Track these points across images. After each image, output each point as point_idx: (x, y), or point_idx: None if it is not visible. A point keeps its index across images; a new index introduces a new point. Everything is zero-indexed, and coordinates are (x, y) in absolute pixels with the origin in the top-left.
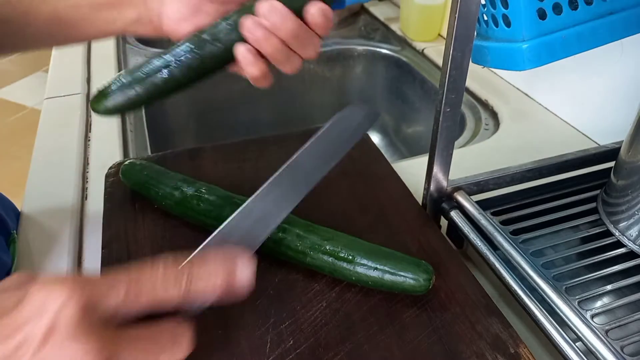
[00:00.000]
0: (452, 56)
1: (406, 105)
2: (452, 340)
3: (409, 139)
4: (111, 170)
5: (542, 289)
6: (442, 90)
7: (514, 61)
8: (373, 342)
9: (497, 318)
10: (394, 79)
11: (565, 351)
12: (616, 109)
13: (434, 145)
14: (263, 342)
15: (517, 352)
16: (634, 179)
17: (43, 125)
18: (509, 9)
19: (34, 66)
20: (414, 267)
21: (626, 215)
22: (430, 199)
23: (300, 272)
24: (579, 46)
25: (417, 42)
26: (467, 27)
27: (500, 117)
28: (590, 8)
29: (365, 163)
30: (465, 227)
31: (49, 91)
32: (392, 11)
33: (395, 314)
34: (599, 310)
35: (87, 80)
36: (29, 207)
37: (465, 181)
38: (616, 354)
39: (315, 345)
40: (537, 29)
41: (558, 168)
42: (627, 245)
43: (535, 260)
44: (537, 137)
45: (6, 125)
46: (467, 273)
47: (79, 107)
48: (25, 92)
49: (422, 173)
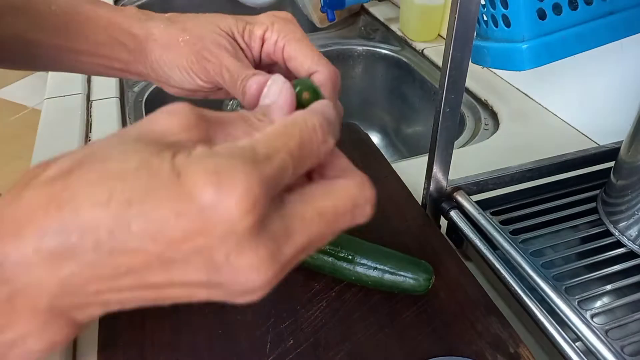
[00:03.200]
0: (452, 56)
1: (406, 105)
2: (452, 340)
3: (409, 139)
4: None
5: (542, 289)
6: (442, 90)
7: (513, 61)
8: (373, 342)
9: (496, 318)
10: (394, 79)
11: (565, 351)
12: (616, 109)
13: (434, 145)
14: (263, 341)
15: (517, 352)
16: (633, 179)
17: (43, 125)
18: (508, 9)
19: None
20: (414, 266)
21: (626, 215)
22: (430, 199)
23: (300, 272)
24: (579, 46)
25: (417, 42)
26: (467, 27)
27: (499, 117)
28: (590, 8)
29: (365, 163)
30: (464, 227)
31: (49, 91)
32: (392, 11)
33: (395, 314)
34: (599, 310)
35: (87, 80)
36: None
37: (465, 181)
38: (616, 354)
39: (315, 345)
40: (537, 29)
41: (558, 168)
42: (626, 245)
43: (535, 260)
44: (537, 137)
45: (6, 125)
46: (467, 273)
47: (79, 107)
48: (26, 92)
49: (422, 173)
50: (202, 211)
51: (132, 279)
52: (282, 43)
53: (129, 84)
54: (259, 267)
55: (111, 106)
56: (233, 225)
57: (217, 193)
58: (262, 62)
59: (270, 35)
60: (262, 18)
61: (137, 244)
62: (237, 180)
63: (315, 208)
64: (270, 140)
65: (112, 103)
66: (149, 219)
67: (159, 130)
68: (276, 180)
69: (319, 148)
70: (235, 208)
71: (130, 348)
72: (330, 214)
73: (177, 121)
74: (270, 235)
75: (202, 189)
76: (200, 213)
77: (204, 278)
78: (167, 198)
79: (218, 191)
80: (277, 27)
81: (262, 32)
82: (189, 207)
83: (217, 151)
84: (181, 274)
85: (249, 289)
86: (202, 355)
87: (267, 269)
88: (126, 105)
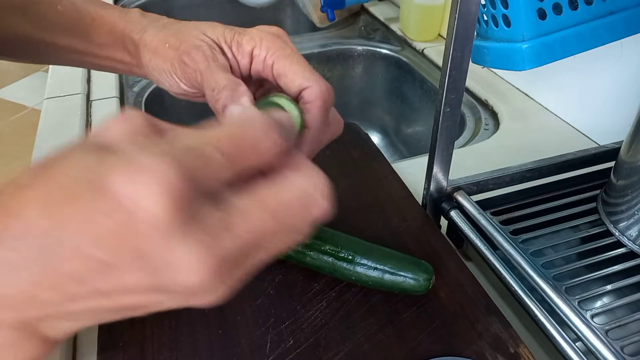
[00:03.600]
0: (452, 56)
1: (406, 105)
2: (452, 340)
3: (409, 139)
4: None
5: (542, 289)
6: (442, 90)
7: (514, 61)
8: (373, 342)
9: (497, 318)
10: (394, 79)
11: (565, 351)
12: (616, 109)
13: (434, 145)
14: (263, 341)
15: (517, 352)
16: (633, 179)
17: (43, 125)
18: (508, 9)
19: (34, 66)
20: (414, 267)
21: (626, 215)
22: (430, 199)
23: (300, 272)
24: (579, 46)
25: (417, 42)
26: (467, 27)
27: (500, 117)
28: (590, 8)
29: (365, 163)
30: (465, 227)
31: (49, 91)
32: (392, 11)
33: (395, 314)
34: (599, 310)
35: (87, 80)
36: None
37: (465, 181)
38: (616, 354)
39: (315, 345)
40: (537, 29)
41: (558, 168)
42: (627, 245)
43: (535, 260)
44: (537, 137)
45: (6, 125)
46: (467, 273)
47: (79, 107)
48: (26, 92)
49: (422, 173)
50: (124, 208)
51: (82, 286)
52: (271, 60)
53: (129, 83)
54: (194, 262)
55: (111, 106)
56: (156, 220)
57: (134, 188)
58: (252, 79)
59: (258, 52)
60: (252, 33)
61: (73, 246)
62: (152, 172)
63: (257, 199)
64: (196, 135)
65: (112, 103)
66: (80, 221)
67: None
68: (202, 173)
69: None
70: (154, 202)
71: (130, 348)
72: (274, 205)
73: (123, 126)
74: (203, 228)
75: (121, 184)
76: (123, 210)
77: (148, 281)
78: (93, 198)
79: (134, 185)
80: (265, 44)
81: (251, 48)
82: (112, 205)
83: (141, 147)
84: (126, 278)
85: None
86: (202, 355)
87: (204, 264)
88: (126, 105)
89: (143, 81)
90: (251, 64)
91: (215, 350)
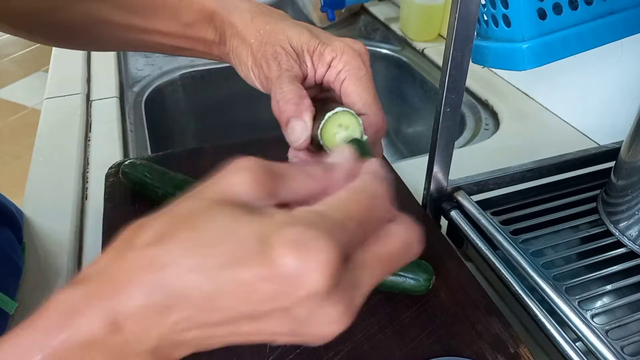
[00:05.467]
0: (452, 56)
1: (406, 105)
2: (452, 340)
3: (409, 139)
4: (111, 170)
5: (542, 289)
6: (442, 90)
7: (514, 61)
8: (373, 342)
9: (497, 318)
10: (394, 79)
11: (566, 351)
12: (616, 109)
13: (434, 145)
14: None
15: (517, 352)
16: (634, 179)
17: (43, 125)
18: (509, 9)
19: (34, 66)
20: (414, 267)
21: (626, 215)
22: (430, 199)
23: None
24: (579, 46)
25: (417, 42)
26: (467, 27)
27: (500, 117)
28: (591, 8)
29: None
30: (465, 227)
31: (49, 91)
32: (392, 11)
33: (395, 314)
34: (599, 310)
35: (87, 80)
36: (29, 207)
37: (465, 181)
38: (616, 354)
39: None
40: (537, 29)
41: (558, 168)
42: (627, 245)
43: (535, 260)
44: (537, 137)
45: (6, 125)
46: (467, 273)
47: (79, 107)
48: (26, 92)
49: (422, 173)
50: (286, 278)
51: (225, 329)
52: (344, 76)
53: (129, 83)
54: (339, 320)
55: (111, 106)
56: (316, 289)
57: (300, 263)
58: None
59: (336, 64)
60: (335, 44)
61: (228, 304)
62: (318, 251)
63: (374, 255)
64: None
65: (111, 103)
66: (239, 283)
67: (233, 191)
68: (348, 247)
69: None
70: (317, 276)
71: None
72: (387, 259)
73: (246, 179)
74: (344, 290)
75: (287, 258)
76: (284, 279)
77: (287, 329)
78: (254, 265)
79: (301, 261)
80: (344, 58)
81: (331, 59)
82: (275, 273)
83: (295, 217)
84: (267, 326)
85: (329, 336)
86: (202, 355)
87: (346, 320)
88: (126, 105)
89: (143, 81)
90: (327, 72)
91: (215, 350)
